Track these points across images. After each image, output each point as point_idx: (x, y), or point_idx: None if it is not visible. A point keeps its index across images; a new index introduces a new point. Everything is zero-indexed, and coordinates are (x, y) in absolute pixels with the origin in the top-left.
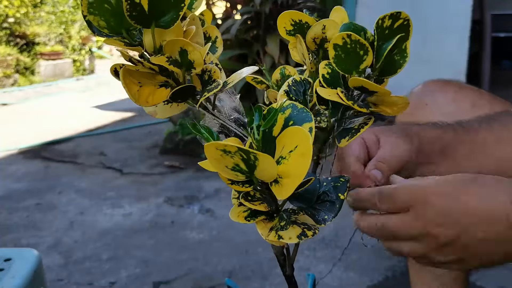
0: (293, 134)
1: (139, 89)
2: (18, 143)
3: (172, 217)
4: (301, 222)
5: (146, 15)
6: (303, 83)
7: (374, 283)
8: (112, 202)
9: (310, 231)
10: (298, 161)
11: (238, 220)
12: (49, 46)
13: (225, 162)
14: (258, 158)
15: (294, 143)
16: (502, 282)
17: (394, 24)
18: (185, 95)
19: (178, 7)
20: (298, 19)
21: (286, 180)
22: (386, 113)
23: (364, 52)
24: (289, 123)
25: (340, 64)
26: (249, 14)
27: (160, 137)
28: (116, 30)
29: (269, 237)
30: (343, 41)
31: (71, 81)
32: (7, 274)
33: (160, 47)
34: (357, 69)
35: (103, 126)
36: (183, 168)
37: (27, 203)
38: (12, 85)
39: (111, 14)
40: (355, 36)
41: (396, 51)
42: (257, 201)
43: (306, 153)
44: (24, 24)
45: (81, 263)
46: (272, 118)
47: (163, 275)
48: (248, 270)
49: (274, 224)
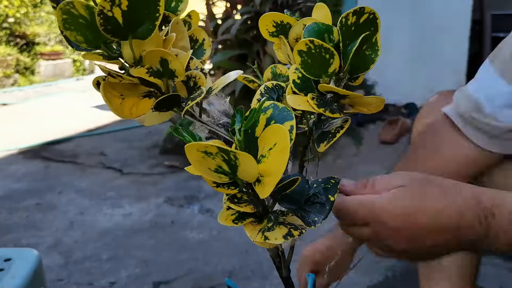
0: (273, 132)
1: (122, 102)
2: (18, 143)
3: (172, 217)
4: (288, 223)
5: (122, 28)
6: (276, 89)
7: (374, 283)
8: (112, 202)
9: (296, 231)
10: (277, 158)
11: (226, 224)
12: (49, 46)
13: (208, 164)
14: (238, 158)
15: (273, 140)
16: (502, 282)
17: (359, 20)
18: (170, 103)
19: (153, 17)
20: (280, 20)
21: (267, 179)
22: (363, 112)
23: (329, 55)
24: (271, 123)
25: (308, 69)
26: (249, 14)
27: (160, 137)
28: (94, 44)
29: (256, 239)
30: (307, 47)
31: (71, 81)
32: (7, 274)
33: (140, 57)
34: (325, 73)
35: (103, 126)
36: (183, 168)
37: (27, 203)
38: (12, 85)
39: (87, 29)
40: (318, 41)
41: (366, 47)
42: (243, 203)
43: (284, 149)
44: (24, 24)
45: (81, 263)
46: (252, 118)
47: (163, 275)
48: (248, 270)
49: (263, 227)
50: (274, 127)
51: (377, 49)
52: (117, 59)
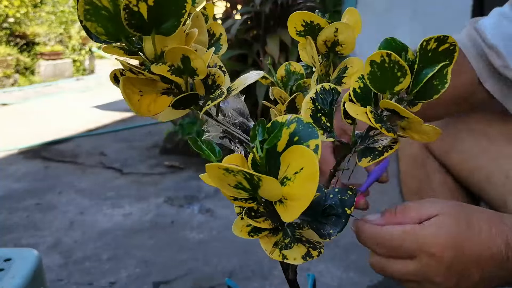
0: (299, 154)
1: (140, 98)
2: (18, 143)
3: (172, 217)
4: (306, 239)
5: (146, 23)
6: (332, 92)
7: (374, 283)
8: (112, 202)
9: (315, 251)
10: (304, 185)
11: (242, 236)
12: (49, 46)
13: (228, 180)
14: (261, 180)
15: (299, 164)
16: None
17: (439, 47)
18: (188, 102)
19: (179, 14)
20: (310, 20)
21: (291, 203)
22: (413, 139)
23: (402, 74)
24: (294, 139)
25: (374, 81)
26: (249, 14)
27: (160, 137)
28: (114, 37)
29: (273, 255)
30: (381, 59)
31: (71, 81)
32: (7, 274)
33: (161, 53)
34: (391, 90)
35: (103, 126)
36: (183, 168)
37: (27, 203)
38: (12, 85)
39: (108, 21)
40: (395, 56)
41: (435, 76)
42: (261, 217)
43: (312, 176)
44: (24, 24)
45: (81, 263)
46: (277, 136)
47: (163, 275)
48: (248, 270)
49: (278, 239)
50: (302, 149)
51: (446, 82)
52: (138, 54)
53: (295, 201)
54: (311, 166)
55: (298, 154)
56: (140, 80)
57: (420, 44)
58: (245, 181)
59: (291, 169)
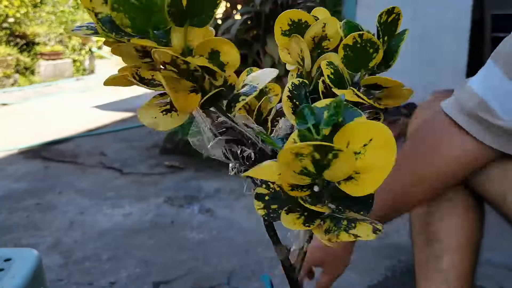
0: (363, 128)
1: (184, 96)
2: (18, 143)
3: (172, 217)
4: (358, 218)
5: (184, 12)
6: (302, 86)
7: (374, 283)
8: (112, 202)
9: (377, 225)
10: (380, 153)
11: (296, 228)
12: (49, 46)
13: (294, 166)
14: (338, 156)
15: (366, 137)
16: (502, 282)
17: (388, 19)
18: (213, 100)
19: (214, 5)
20: (298, 18)
21: (366, 176)
22: (388, 105)
23: (374, 50)
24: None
25: (349, 63)
26: (249, 14)
27: (160, 137)
28: (140, 30)
29: (342, 237)
30: (354, 41)
31: (71, 81)
32: (7, 274)
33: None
34: (365, 67)
35: (103, 126)
36: (183, 168)
37: (27, 203)
38: (12, 85)
39: (137, 12)
40: (367, 35)
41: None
42: (314, 204)
43: (387, 143)
44: (24, 24)
45: (81, 263)
46: (337, 114)
47: (163, 275)
48: (248, 270)
49: (329, 226)
50: (363, 123)
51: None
52: (166, 46)
53: (370, 173)
54: (382, 134)
55: (361, 128)
56: (171, 79)
57: (377, 21)
58: (311, 164)
59: (355, 144)
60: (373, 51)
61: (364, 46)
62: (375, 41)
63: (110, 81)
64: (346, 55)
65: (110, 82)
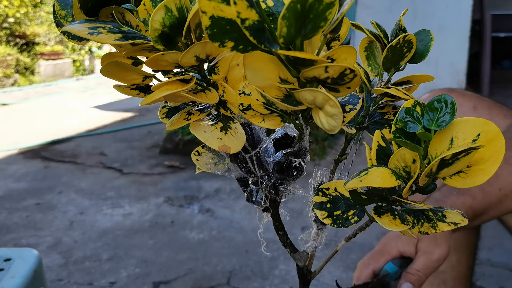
0: (468, 125)
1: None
2: (18, 143)
3: (172, 217)
4: (424, 209)
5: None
6: None
7: None
8: (112, 202)
9: (459, 213)
10: (491, 144)
11: (398, 229)
12: (49, 46)
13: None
14: (469, 154)
15: (472, 132)
16: (502, 282)
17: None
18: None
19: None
20: None
21: (480, 167)
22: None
23: (408, 49)
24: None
25: (386, 63)
26: None
27: (160, 137)
28: (290, 39)
29: (440, 227)
30: (397, 42)
31: (71, 81)
32: (7, 274)
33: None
34: (396, 66)
35: (103, 126)
36: (183, 168)
37: (27, 203)
38: (12, 85)
39: (296, 17)
40: (410, 36)
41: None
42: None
43: (496, 135)
44: (24, 24)
45: (81, 263)
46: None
47: (163, 275)
48: (248, 270)
49: (412, 220)
50: (474, 120)
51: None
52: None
53: (485, 163)
54: (490, 128)
55: (469, 124)
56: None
57: (400, 21)
58: (409, 165)
59: (462, 141)
60: (407, 51)
61: (401, 47)
62: (413, 41)
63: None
64: (386, 56)
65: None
